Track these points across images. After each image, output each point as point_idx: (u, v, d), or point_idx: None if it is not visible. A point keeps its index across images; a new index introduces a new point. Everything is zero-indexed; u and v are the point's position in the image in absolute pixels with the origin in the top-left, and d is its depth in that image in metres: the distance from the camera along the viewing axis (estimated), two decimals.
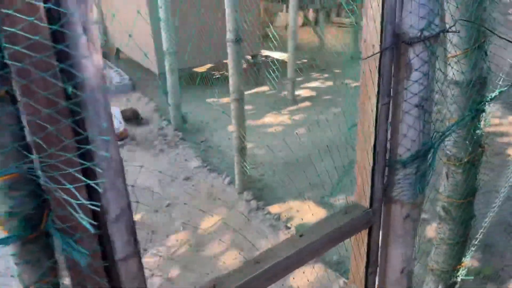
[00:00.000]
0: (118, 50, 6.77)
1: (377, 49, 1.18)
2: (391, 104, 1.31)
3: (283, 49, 5.48)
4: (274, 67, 5.39)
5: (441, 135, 1.38)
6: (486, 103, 1.60)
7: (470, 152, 1.67)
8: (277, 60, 6.57)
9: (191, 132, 4.52)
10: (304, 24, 8.79)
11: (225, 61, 6.10)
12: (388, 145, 1.38)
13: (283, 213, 3.13)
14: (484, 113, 1.64)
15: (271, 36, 4.66)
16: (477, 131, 1.65)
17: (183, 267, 2.65)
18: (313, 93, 5.63)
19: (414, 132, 1.27)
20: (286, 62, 5.24)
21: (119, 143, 4.22)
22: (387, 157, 1.40)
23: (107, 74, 6.37)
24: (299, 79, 5.77)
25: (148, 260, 2.71)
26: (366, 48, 1.22)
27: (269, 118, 4.84)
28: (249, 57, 6.14)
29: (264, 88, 5.79)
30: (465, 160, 1.68)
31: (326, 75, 6.45)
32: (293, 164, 3.78)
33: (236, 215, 3.10)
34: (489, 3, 1.52)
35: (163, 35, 4.13)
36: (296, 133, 4.37)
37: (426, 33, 1.15)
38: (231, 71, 2.86)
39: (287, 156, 3.90)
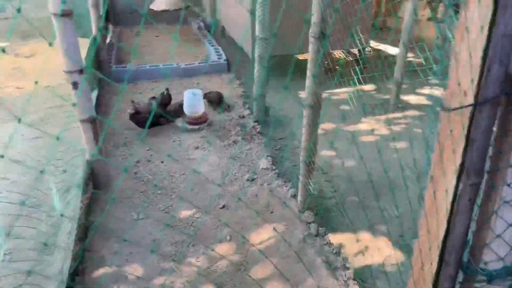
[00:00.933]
0: (223, 29, 6.63)
1: (471, 99, 0.67)
2: (482, 187, 0.78)
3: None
4: (383, 64, 4.73)
5: None
6: None
7: None
8: (392, 56, 5.82)
9: (271, 127, 4.16)
10: (430, 19, 7.70)
11: (332, 51, 5.58)
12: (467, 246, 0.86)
13: (346, 247, 2.63)
14: None
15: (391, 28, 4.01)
16: None
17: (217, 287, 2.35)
18: (423, 101, 4.82)
19: None
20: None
21: (195, 127, 4.05)
22: (462, 261, 0.89)
23: (207, 51, 6.29)
24: (409, 82, 5.00)
25: (184, 269, 2.47)
26: (451, 95, 0.71)
27: (363, 124, 4.24)
28: (355, 50, 5.51)
29: (368, 87, 5.14)
30: None
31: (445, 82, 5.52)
32: (376, 185, 3.21)
33: (291, 236, 2.69)
34: None
35: (257, 18, 3.78)
36: (394, 146, 3.74)
37: None
38: (308, 72, 2.41)
39: (371, 174, 3.33)
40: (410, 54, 5.94)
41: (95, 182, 3.11)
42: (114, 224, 2.79)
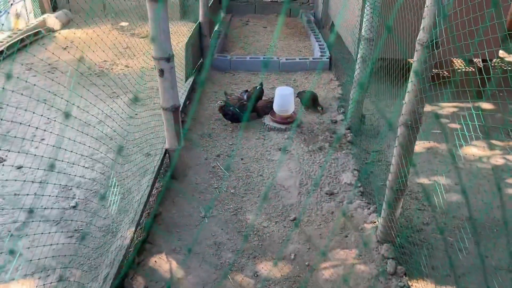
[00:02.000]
0: (332, 25, 6.28)
1: None
2: None
3: None
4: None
5: None
6: None
7: None
8: None
9: (365, 136, 3.77)
10: None
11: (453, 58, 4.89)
12: None
13: None
14: None
15: None
16: None
17: None
18: None
19: None
20: None
21: (282, 126, 3.85)
22: None
23: (312, 46, 6.01)
24: None
25: (240, 281, 2.30)
26: None
27: (474, 148, 3.63)
28: (478, 60, 4.77)
29: (487, 105, 4.42)
30: None
31: None
32: (480, 225, 2.69)
33: (363, 270, 2.35)
34: None
35: (364, 16, 3.41)
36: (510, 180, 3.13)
37: None
38: (410, 85, 2.02)
39: (476, 210, 2.81)
40: None
41: (172, 171, 3.09)
42: (181, 218, 2.74)
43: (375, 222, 2.64)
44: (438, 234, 2.65)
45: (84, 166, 3.01)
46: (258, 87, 4.21)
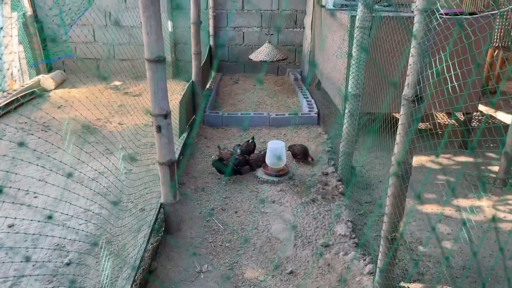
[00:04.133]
0: (319, 81, 6.58)
1: None
2: None
3: None
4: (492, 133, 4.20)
5: None
6: None
7: None
8: (503, 124, 5.19)
9: (356, 188, 3.85)
10: None
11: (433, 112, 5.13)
12: None
13: None
14: None
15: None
16: None
17: None
18: None
19: None
20: None
21: (275, 179, 3.91)
22: None
23: (300, 102, 6.24)
24: None
25: None
26: None
27: (462, 200, 3.71)
28: (460, 113, 5.00)
29: (471, 159, 4.57)
30: None
31: None
32: (475, 275, 2.70)
33: None
34: None
35: (350, 74, 3.62)
36: (499, 229, 3.19)
37: None
38: (398, 137, 2.14)
39: (470, 260, 2.83)
40: None
41: (167, 225, 3.09)
42: (176, 274, 2.70)
43: (371, 273, 2.64)
44: (435, 284, 2.66)
45: (78, 223, 3.00)
46: (249, 141, 4.32)
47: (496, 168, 4.04)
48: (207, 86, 6.65)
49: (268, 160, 3.98)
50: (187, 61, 7.17)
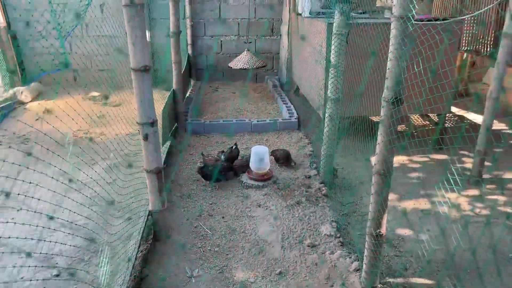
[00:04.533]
0: (297, 88, 6.71)
1: None
2: None
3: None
4: (465, 132, 4.39)
5: None
6: None
7: None
8: (475, 124, 5.42)
9: (338, 189, 3.96)
10: None
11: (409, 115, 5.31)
12: None
13: None
14: None
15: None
16: None
17: None
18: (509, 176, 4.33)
19: None
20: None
21: (260, 184, 3.98)
22: None
23: (280, 108, 6.35)
24: (498, 150, 4.57)
25: None
26: None
27: (439, 197, 3.87)
28: (434, 115, 5.22)
29: (446, 157, 4.76)
30: None
31: None
32: (456, 267, 2.84)
33: None
34: None
35: (329, 79, 3.74)
36: (477, 223, 3.34)
37: None
38: (379, 138, 2.25)
39: (449, 253, 2.96)
40: (502, 125, 5.49)
41: (156, 232, 3.11)
42: (167, 279, 2.73)
43: (358, 270, 2.74)
44: (419, 278, 2.78)
45: (65, 233, 2.98)
46: (233, 147, 4.38)
47: (469, 165, 4.24)
48: (187, 95, 6.69)
49: (252, 165, 4.05)
50: (166, 70, 7.19)
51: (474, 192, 3.91)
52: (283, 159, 4.39)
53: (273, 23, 7.94)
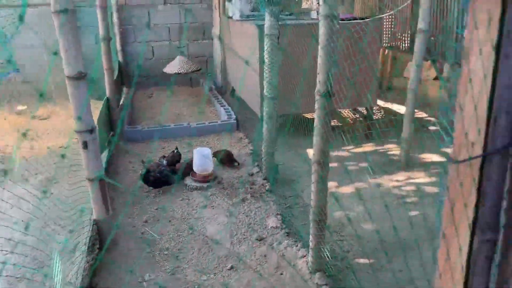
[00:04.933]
0: (233, 89, 6.83)
1: (479, 150, 0.65)
2: (499, 243, 0.73)
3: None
4: (391, 123, 4.75)
5: None
6: None
7: None
8: (399, 115, 5.86)
9: (280, 184, 4.12)
10: (437, 78, 7.87)
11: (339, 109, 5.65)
12: None
13: None
14: None
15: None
16: None
17: None
18: (434, 158, 4.76)
19: None
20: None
21: (204, 185, 4.03)
22: None
23: (217, 111, 6.42)
24: (419, 139, 4.99)
25: None
26: (458, 147, 0.69)
27: (372, 182, 4.17)
28: (362, 108, 5.58)
29: (376, 147, 5.11)
30: None
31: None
32: (389, 246, 3.09)
33: None
34: None
35: (265, 79, 3.89)
36: (406, 204, 3.65)
37: None
38: (316, 130, 2.42)
39: (384, 234, 3.22)
40: (422, 113, 6.00)
41: (101, 242, 3.04)
42: (119, 287, 2.69)
43: (304, 256, 2.89)
44: (360, 259, 2.99)
45: (3, 254, 2.83)
46: (174, 151, 4.38)
47: (397, 152, 4.61)
48: (121, 102, 6.53)
49: (195, 167, 4.08)
50: (97, 78, 6.96)
51: (403, 176, 4.26)
52: (225, 159, 4.47)
53: (204, 27, 8.00)
